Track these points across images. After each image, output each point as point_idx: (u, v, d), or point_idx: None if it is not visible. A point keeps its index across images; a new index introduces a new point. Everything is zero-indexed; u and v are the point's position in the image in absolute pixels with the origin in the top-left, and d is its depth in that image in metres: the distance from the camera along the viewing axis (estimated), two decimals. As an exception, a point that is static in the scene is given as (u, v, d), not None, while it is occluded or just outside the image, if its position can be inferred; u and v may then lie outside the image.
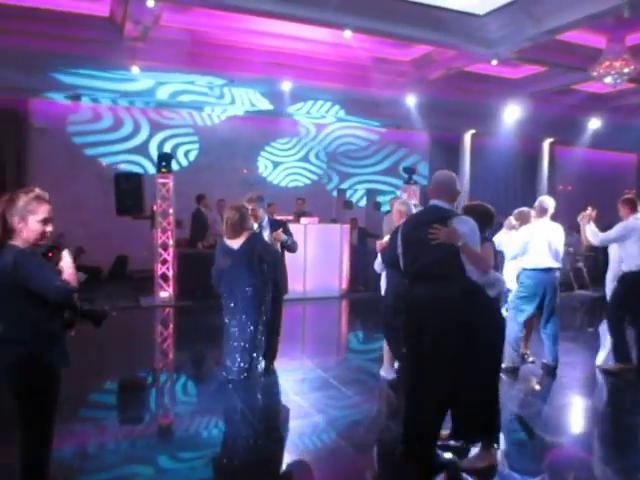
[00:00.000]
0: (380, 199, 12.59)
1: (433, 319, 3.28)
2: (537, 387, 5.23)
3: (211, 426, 4.27)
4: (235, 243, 4.84)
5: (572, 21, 7.18)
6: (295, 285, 8.77)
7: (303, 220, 9.09)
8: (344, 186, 13.28)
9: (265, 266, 4.89)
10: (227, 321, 4.90)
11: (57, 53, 8.61)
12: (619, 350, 5.43)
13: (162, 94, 10.72)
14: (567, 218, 6.08)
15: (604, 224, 6.20)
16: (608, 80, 8.29)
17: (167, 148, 11.45)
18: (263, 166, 12.57)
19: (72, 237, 10.59)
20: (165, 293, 8.61)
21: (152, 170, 10.38)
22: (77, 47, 8.61)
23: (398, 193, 11.63)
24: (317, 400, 4.56)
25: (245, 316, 4.81)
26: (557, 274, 5.41)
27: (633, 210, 5.48)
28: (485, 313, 3.35)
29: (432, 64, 9.78)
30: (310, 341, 7.38)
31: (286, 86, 9.82)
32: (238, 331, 4.83)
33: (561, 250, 5.39)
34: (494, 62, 8.67)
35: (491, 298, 3.36)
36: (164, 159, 8.45)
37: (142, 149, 11.49)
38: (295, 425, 4.18)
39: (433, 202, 3.45)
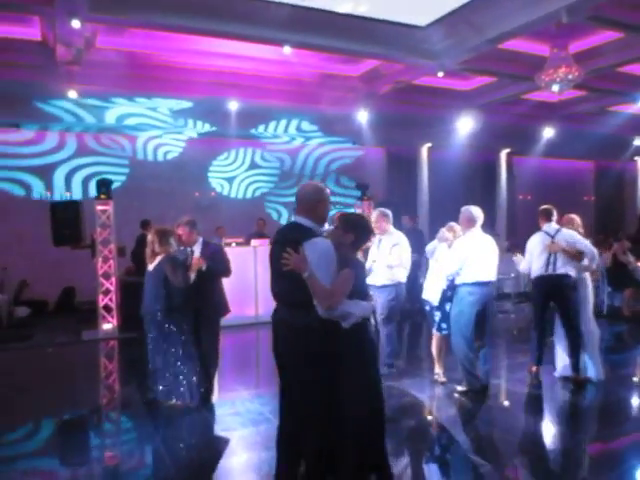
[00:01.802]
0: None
1: (288, 348, 3.00)
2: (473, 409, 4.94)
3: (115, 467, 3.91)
4: (151, 266, 4.75)
5: (512, 29, 7.14)
6: (247, 310, 8.49)
7: (253, 242, 8.79)
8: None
9: (177, 290, 4.68)
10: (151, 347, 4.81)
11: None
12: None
13: (108, 118, 10.37)
14: (529, 225, 5.96)
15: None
16: (554, 88, 8.24)
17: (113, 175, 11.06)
18: (219, 186, 12.27)
19: (16, 270, 10.17)
20: (109, 325, 8.18)
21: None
22: (11, 73, 8.29)
23: (352, 210, 11.42)
24: (245, 438, 4.23)
25: (160, 342, 4.71)
26: (492, 288, 5.20)
27: (548, 220, 5.54)
28: (347, 344, 2.92)
29: (380, 79, 9.68)
30: (256, 368, 7.01)
31: (233, 106, 9.58)
32: (157, 357, 4.77)
33: (496, 262, 5.16)
34: (440, 74, 8.58)
35: (358, 326, 2.94)
36: (103, 185, 8.08)
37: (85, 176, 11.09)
38: (213, 466, 3.85)
39: (294, 218, 3.12)
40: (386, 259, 5.66)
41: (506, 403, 5.17)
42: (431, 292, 5.36)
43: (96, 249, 8.12)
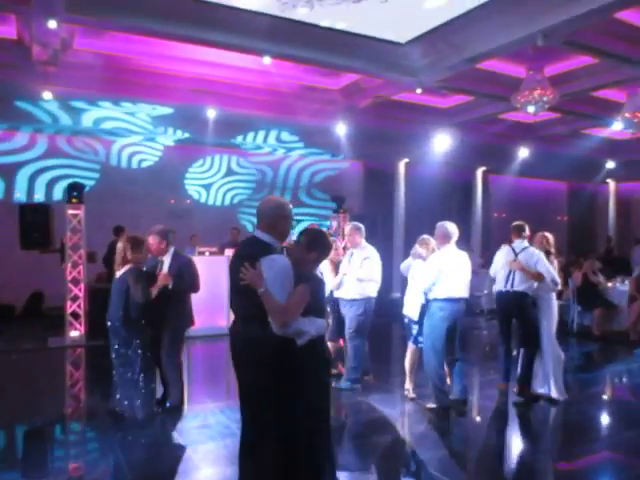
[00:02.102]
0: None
1: (243, 361, 2.97)
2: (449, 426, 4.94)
3: None
4: (118, 274, 4.72)
5: (490, 49, 7.24)
6: (218, 320, 8.38)
7: (227, 252, 8.71)
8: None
9: (135, 304, 4.62)
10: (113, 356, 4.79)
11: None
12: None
13: (85, 121, 10.21)
14: (503, 241, 6.06)
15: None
16: (530, 109, 8.38)
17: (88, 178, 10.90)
18: (196, 193, 12.16)
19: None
20: (76, 332, 8.00)
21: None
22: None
23: (328, 223, 11.43)
24: (211, 452, 4.14)
25: (120, 351, 4.67)
26: (464, 305, 5.20)
27: (518, 236, 5.68)
28: (300, 360, 2.86)
29: (360, 93, 9.73)
30: (226, 380, 6.88)
31: (211, 114, 9.52)
32: (117, 367, 4.75)
33: (469, 279, 5.20)
34: (418, 91, 8.66)
35: (312, 343, 2.88)
36: (75, 189, 7.94)
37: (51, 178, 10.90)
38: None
39: (255, 233, 3.08)
40: (356, 272, 5.65)
41: (476, 419, 5.18)
42: (410, 307, 5.38)
43: (65, 254, 7.95)
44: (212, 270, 7.66)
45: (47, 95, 8.51)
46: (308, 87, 9.86)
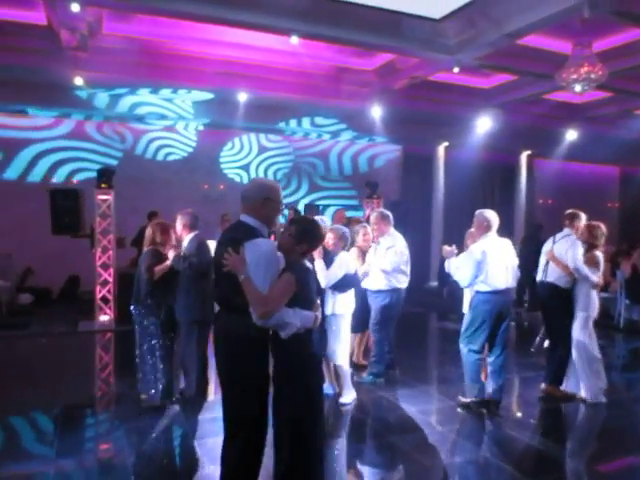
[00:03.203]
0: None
1: (229, 359, 2.76)
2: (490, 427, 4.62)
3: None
4: None
5: (531, 23, 6.73)
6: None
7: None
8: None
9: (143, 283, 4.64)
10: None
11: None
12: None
13: (120, 107, 10.23)
14: (550, 230, 5.61)
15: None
16: (577, 88, 7.84)
17: (124, 164, 10.94)
18: (237, 176, 12.08)
19: (20, 257, 10.09)
20: (105, 317, 8.04)
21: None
22: (18, 57, 8.16)
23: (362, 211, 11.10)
24: (217, 447, 3.98)
25: (139, 335, 4.70)
26: (512, 295, 4.88)
27: (566, 225, 5.34)
28: (285, 357, 2.67)
29: (396, 73, 9.35)
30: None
31: (242, 97, 9.35)
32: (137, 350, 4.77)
33: (514, 267, 4.83)
34: (456, 70, 8.22)
35: (298, 338, 2.65)
36: (104, 174, 7.93)
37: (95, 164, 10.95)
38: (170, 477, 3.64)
39: (240, 217, 2.89)
40: (380, 263, 5.39)
41: (505, 422, 4.77)
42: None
43: (95, 239, 7.97)
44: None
45: (78, 81, 8.52)
46: (342, 68, 9.57)
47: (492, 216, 4.83)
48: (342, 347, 4.75)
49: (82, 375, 6.10)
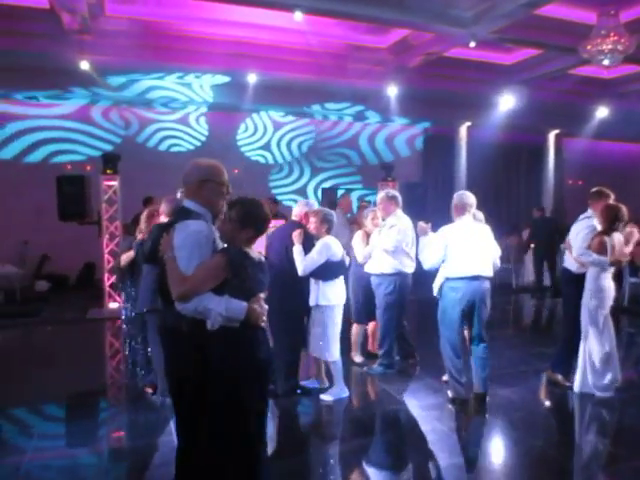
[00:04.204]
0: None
1: (165, 356, 2.57)
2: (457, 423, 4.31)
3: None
4: None
5: (549, -9, 6.28)
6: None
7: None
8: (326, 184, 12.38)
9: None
10: None
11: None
12: None
13: (128, 92, 10.09)
14: (579, 212, 5.19)
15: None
16: (605, 61, 7.34)
17: (134, 148, 10.86)
18: (261, 158, 11.93)
19: (37, 244, 10.14)
20: (115, 304, 7.98)
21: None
22: (22, 43, 8.07)
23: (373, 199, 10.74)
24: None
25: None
26: (487, 284, 4.48)
27: (589, 205, 4.91)
28: (217, 358, 2.39)
29: (410, 50, 8.94)
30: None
31: (251, 78, 9.09)
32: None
33: (492, 255, 4.50)
34: (472, 44, 7.77)
35: (243, 336, 2.38)
36: (110, 160, 7.81)
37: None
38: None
39: (183, 202, 2.66)
40: (382, 242, 5.13)
41: (500, 420, 4.45)
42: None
43: (102, 226, 7.89)
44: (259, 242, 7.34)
45: (84, 65, 8.37)
46: (355, 46, 9.20)
47: (468, 198, 4.51)
48: (328, 342, 4.45)
49: (83, 363, 6.00)
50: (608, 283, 4.57)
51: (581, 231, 4.66)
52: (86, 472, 3.55)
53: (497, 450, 3.89)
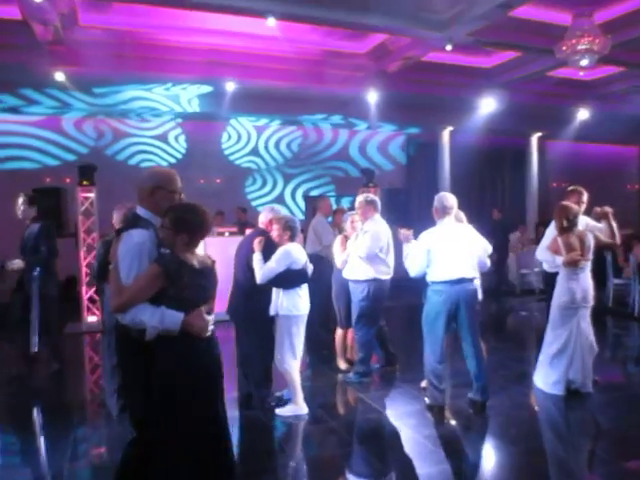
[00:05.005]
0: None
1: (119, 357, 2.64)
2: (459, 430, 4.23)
3: None
4: None
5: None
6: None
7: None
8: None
9: None
10: None
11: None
12: None
13: (104, 101, 9.99)
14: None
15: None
16: (580, 62, 7.34)
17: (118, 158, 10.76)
18: (252, 164, 11.89)
19: (13, 258, 9.95)
20: (94, 317, 7.84)
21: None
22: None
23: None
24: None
25: None
26: (472, 285, 4.40)
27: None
28: (158, 367, 2.35)
29: (389, 55, 8.90)
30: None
31: (230, 87, 9.02)
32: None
33: (476, 256, 4.40)
34: (448, 47, 7.72)
35: (185, 343, 2.33)
36: (86, 171, 7.70)
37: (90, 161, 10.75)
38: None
39: (136, 209, 2.65)
40: (357, 248, 5.05)
41: (490, 425, 4.38)
42: None
43: (79, 238, 7.77)
44: (227, 252, 7.22)
45: (59, 76, 8.29)
46: (333, 52, 9.14)
47: (448, 200, 4.42)
48: (284, 353, 4.30)
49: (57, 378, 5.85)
50: (577, 283, 4.51)
51: (551, 232, 4.64)
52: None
53: (475, 458, 3.79)
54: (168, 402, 2.29)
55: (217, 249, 7.94)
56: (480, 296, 4.81)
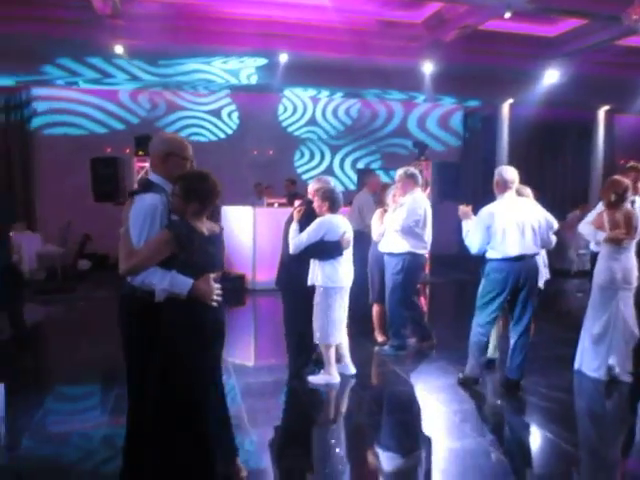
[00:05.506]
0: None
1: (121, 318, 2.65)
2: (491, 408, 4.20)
3: None
4: None
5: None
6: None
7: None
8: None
9: None
10: None
11: (40, 38, 8.34)
12: None
13: (168, 75, 10.25)
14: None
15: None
16: (651, 29, 6.89)
17: (174, 130, 11.04)
18: (313, 134, 11.95)
19: (79, 224, 10.49)
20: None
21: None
22: (56, 29, 8.28)
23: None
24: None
25: None
26: (533, 262, 4.24)
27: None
28: (164, 326, 2.45)
29: (445, 24, 8.62)
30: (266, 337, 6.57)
31: (283, 58, 9.04)
32: None
33: (539, 232, 4.20)
34: (507, 15, 7.38)
35: (191, 306, 2.42)
36: (142, 141, 7.97)
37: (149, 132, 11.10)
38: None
39: (149, 174, 2.75)
40: (393, 222, 5.03)
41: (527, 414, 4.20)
42: None
43: (133, 206, 8.08)
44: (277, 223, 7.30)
45: (119, 49, 8.55)
46: (387, 22, 8.96)
47: (509, 174, 4.26)
48: (319, 324, 4.32)
49: (87, 340, 6.10)
50: (618, 263, 4.31)
51: (599, 208, 4.44)
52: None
53: (501, 436, 3.76)
54: (174, 356, 2.43)
55: (266, 219, 8.17)
56: (548, 274, 4.73)
